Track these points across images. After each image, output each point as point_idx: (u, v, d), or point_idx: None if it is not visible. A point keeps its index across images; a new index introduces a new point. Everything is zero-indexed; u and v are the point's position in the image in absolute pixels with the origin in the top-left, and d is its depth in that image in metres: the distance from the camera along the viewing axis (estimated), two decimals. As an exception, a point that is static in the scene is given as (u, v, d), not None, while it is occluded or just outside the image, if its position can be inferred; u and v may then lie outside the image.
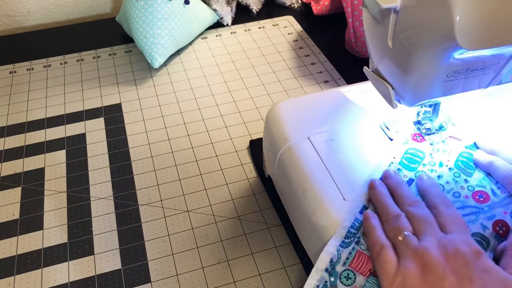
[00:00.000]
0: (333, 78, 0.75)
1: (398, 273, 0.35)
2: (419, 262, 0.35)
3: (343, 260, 0.38)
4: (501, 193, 0.41)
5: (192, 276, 0.49)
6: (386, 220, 0.39)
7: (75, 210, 0.56)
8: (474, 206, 0.40)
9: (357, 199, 0.42)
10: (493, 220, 0.39)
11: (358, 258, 0.38)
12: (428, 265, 0.35)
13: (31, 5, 0.90)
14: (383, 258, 0.37)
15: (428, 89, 0.39)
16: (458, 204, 0.40)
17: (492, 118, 0.46)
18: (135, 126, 0.67)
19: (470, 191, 0.41)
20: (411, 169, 0.44)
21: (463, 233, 0.37)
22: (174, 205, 0.56)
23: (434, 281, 0.34)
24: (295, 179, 0.46)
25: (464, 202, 0.41)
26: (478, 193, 0.41)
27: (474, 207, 0.40)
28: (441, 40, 0.33)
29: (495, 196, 0.41)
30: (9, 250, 0.52)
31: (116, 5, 0.96)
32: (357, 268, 0.37)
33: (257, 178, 0.59)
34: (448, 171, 0.43)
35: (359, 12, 0.74)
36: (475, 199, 0.41)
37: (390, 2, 0.35)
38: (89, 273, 0.50)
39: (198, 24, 0.81)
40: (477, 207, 0.40)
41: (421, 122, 0.47)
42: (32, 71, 0.78)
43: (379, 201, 0.41)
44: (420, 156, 0.45)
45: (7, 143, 0.65)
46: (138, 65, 0.79)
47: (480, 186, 0.42)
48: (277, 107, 0.52)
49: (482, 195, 0.41)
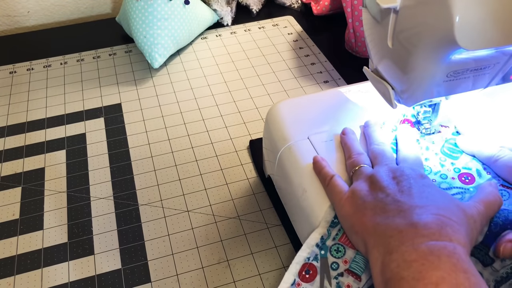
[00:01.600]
0: (333, 78, 0.75)
1: (348, 190, 0.40)
2: (368, 181, 0.39)
3: (333, 236, 0.39)
4: (487, 174, 0.43)
5: (192, 276, 0.49)
6: (348, 157, 0.43)
7: (75, 210, 0.56)
8: (460, 187, 0.42)
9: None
10: None
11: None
12: (375, 181, 0.38)
13: (31, 5, 0.90)
14: (333, 184, 0.41)
15: (427, 89, 0.39)
16: (445, 185, 0.42)
17: (492, 117, 0.46)
18: (135, 126, 0.67)
19: (456, 173, 0.43)
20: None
21: (415, 166, 0.40)
22: (174, 205, 0.56)
23: (378, 190, 0.37)
24: (295, 179, 0.46)
25: (451, 183, 0.42)
26: (464, 174, 0.43)
27: (460, 187, 0.42)
28: (441, 40, 0.33)
29: (480, 178, 0.42)
30: (9, 250, 0.52)
31: (116, 5, 0.96)
32: (346, 242, 0.39)
33: (257, 178, 0.59)
34: (434, 155, 0.45)
35: (359, 12, 0.74)
36: (461, 180, 0.43)
37: (390, 2, 0.35)
38: (89, 273, 0.50)
39: (198, 24, 0.81)
40: (463, 188, 0.42)
41: (421, 122, 0.47)
42: (32, 71, 0.78)
43: (346, 143, 0.45)
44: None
45: (7, 143, 0.65)
46: (138, 65, 0.79)
47: (466, 168, 0.43)
48: (277, 107, 0.52)
49: (468, 177, 0.43)
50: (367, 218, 0.36)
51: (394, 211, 0.35)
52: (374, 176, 0.39)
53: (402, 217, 0.34)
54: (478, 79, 0.39)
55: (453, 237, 0.32)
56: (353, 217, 0.37)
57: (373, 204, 0.37)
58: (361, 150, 0.44)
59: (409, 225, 0.33)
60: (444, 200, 0.36)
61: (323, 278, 0.37)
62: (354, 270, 0.37)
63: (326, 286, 0.37)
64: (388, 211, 0.35)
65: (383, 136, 0.45)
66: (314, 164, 0.44)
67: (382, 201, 0.36)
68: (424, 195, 0.36)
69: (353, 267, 0.37)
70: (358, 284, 0.36)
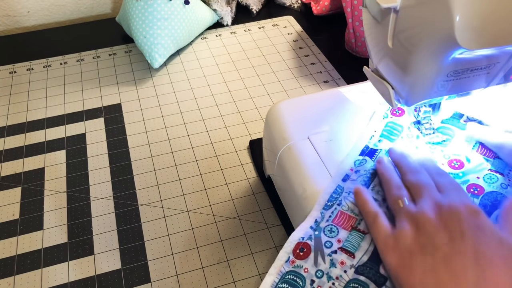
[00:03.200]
0: (333, 78, 0.75)
1: (392, 234, 0.36)
2: (414, 223, 0.35)
3: (326, 218, 0.40)
4: (476, 157, 0.44)
5: (192, 276, 0.49)
6: (388, 191, 0.40)
7: (75, 210, 0.56)
8: (450, 173, 0.42)
9: (340, 170, 0.44)
10: (467, 184, 0.42)
11: (340, 217, 0.40)
12: (422, 224, 0.35)
13: (31, 5, 0.90)
14: (377, 224, 0.37)
15: (428, 89, 0.39)
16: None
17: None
18: (135, 126, 0.67)
19: (445, 159, 0.44)
20: (391, 140, 0.46)
21: (460, 195, 0.37)
22: (174, 205, 0.56)
23: (426, 238, 0.34)
24: (295, 179, 0.46)
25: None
26: (453, 160, 0.44)
27: (449, 173, 0.42)
28: (441, 40, 0.33)
29: (469, 162, 0.43)
30: (9, 250, 0.52)
31: (116, 5, 0.96)
32: (339, 224, 0.39)
33: (257, 178, 0.59)
34: (424, 144, 0.45)
35: (359, 12, 0.74)
36: (450, 166, 0.43)
37: (390, 2, 0.35)
38: (89, 273, 0.50)
39: (198, 24, 0.81)
40: (452, 174, 0.42)
41: (421, 122, 0.47)
42: (32, 71, 0.78)
43: (384, 174, 0.41)
44: (399, 130, 0.47)
45: (7, 143, 0.65)
46: (138, 65, 0.79)
47: (455, 155, 0.44)
48: (277, 107, 0.52)
49: (457, 162, 0.44)
50: (416, 279, 0.33)
51: (445, 275, 0.32)
52: (419, 217, 0.35)
53: (454, 282, 0.31)
54: (478, 79, 0.39)
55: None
56: (399, 271, 0.34)
57: (421, 259, 0.33)
58: (400, 182, 0.40)
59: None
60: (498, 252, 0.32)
61: (317, 255, 0.38)
62: (348, 248, 0.38)
63: (320, 262, 0.37)
64: (440, 274, 0.32)
65: (413, 162, 0.43)
66: (356, 196, 0.41)
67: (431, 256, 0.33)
68: (481, 249, 0.32)
69: (346, 245, 0.38)
70: (352, 261, 0.37)
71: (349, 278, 0.36)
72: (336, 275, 0.36)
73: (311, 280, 0.36)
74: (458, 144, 0.45)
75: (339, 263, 0.37)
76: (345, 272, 0.36)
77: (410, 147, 0.45)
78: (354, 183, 0.42)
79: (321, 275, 0.36)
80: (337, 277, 0.36)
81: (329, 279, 0.36)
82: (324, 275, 0.36)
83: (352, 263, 0.37)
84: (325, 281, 0.36)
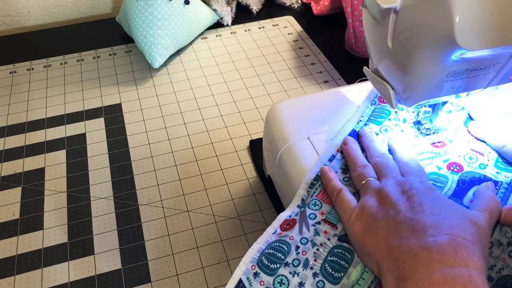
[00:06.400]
0: (333, 78, 0.75)
1: (356, 206, 0.39)
2: (377, 196, 0.38)
3: (311, 194, 0.42)
4: (457, 140, 0.45)
5: (192, 276, 0.49)
6: (353, 170, 0.42)
7: (75, 210, 0.56)
8: (431, 151, 0.45)
9: (327, 150, 0.45)
10: (447, 162, 0.43)
11: (324, 193, 0.42)
12: (385, 195, 0.38)
13: (31, 5, 0.90)
14: (340, 199, 0.40)
15: (428, 89, 0.39)
16: (417, 150, 0.45)
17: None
18: (135, 126, 0.67)
19: (429, 140, 0.46)
20: (378, 123, 0.48)
21: (421, 177, 0.40)
22: (174, 205, 0.56)
23: (389, 205, 0.37)
24: (295, 179, 0.46)
25: (423, 148, 0.45)
26: (436, 142, 0.46)
27: (431, 152, 0.44)
28: (441, 40, 0.33)
29: (451, 143, 0.45)
30: (9, 250, 0.52)
31: (116, 5, 0.96)
32: (322, 198, 0.41)
33: (257, 178, 0.59)
34: (410, 128, 0.47)
35: (359, 12, 0.74)
36: (433, 145, 0.45)
37: (390, 2, 0.35)
38: (89, 273, 0.50)
39: (198, 24, 0.81)
40: (434, 152, 0.44)
41: (421, 122, 0.47)
42: (32, 71, 0.78)
43: (349, 154, 0.44)
44: (386, 113, 0.48)
45: (7, 143, 0.65)
46: (138, 65, 0.79)
47: (439, 137, 0.46)
48: (277, 107, 0.52)
49: (439, 142, 0.45)
50: (380, 239, 0.35)
51: (407, 231, 0.34)
52: (382, 191, 0.38)
53: (415, 237, 0.33)
54: (478, 79, 0.39)
55: (468, 261, 0.31)
56: (364, 237, 0.36)
57: (384, 222, 0.36)
58: (366, 162, 0.43)
59: (423, 248, 0.32)
60: (456, 214, 0.35)
61: (301, 225, 0.39)
62: (330, 220, 0.40)
63: (305, 231, 0.39)
64: (401, 231, 0.34)
65: (382, 146, 0.45)
66: (322, 176, 0.43)
67: (393, 219, 0.35)
68: (436, 211, 0.35)
69: (329, 217, 0.40)
70: (335, 231, 0.39)
71: (333, 245, 0.38)
72: (320, 242, 0.38)
73: (296, 246, 0.38)
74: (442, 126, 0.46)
75: (322, 232, 0.39)
76: (328, 239, 0.38)
77: (396, 130, 0.47)
78: (338, 162, 0.44)
79: (305, 242, 0.38)
80: (321, 243, 0.38)
81: (313, 245, 0.38)
82: (309, 241, 0.38)
83: (335, 233, 0.39)
84: (309, 247, 0.38)
